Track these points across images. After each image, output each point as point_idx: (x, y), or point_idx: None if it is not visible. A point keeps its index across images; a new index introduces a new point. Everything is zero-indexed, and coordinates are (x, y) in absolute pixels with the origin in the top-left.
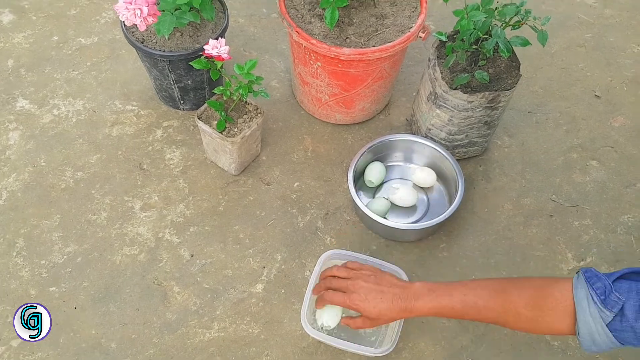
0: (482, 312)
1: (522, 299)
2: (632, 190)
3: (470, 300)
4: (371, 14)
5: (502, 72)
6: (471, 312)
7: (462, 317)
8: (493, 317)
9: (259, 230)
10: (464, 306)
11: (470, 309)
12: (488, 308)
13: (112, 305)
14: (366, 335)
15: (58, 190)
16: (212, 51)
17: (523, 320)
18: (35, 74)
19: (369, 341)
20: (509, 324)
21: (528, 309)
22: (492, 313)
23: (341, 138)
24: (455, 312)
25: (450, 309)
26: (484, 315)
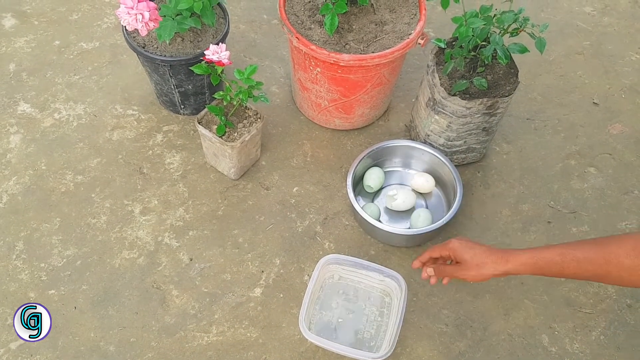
0: (582, 265)
1: (623, 249)
2: (629, 197)
3: (569, 252)
4: (371, 20)
5: (501, 79)
6: (571, 266)
7: (561, 273)
8: (593, 270)
9: (258, 235)
10: (563, 258)
11: (570, 262)
12: (588, 260)
13: (111, 308)
14: (364, 340)
15: (58, 194)
16: (213, 56)
17: (626, 269)
18: (37, 78)
19: (367, 346)
20: (611, 276)
21: (631, 258)
22: (592, 265)
23: (340, 143)
24: (554, 265)
25: (549, 261)
26: (584, 267)
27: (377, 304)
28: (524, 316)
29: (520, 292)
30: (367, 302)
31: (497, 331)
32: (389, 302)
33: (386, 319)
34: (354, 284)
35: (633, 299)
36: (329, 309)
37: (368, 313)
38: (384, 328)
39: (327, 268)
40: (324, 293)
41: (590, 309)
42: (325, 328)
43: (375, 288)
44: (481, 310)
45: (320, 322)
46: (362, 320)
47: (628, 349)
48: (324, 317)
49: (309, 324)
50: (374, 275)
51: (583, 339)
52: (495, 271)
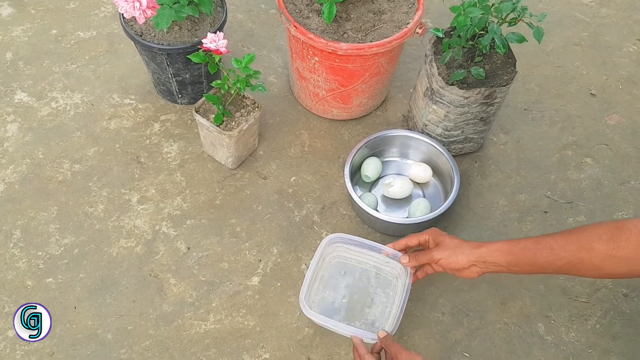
0: (555, 252)
1: (595, 234)
2: (626, 187)
3: (543, 240)
4: (369, 9)
5: (498, 69)
6: (544, 252)
7: (534, 260)
8: (566, 257)
9: (255, 224)
10: (537, 245)
11: (544, 249)
12: (562, 246)
13: (109, 296)
14: (368, 321)
15: (55, 183)
16: (211, 45)
17: (597, 255)
18: (34, 67)
19: (371, 327)
20: (584, 263)
21: (602, 243)
22: (565, 252)
23: (338, 133)
24: (527, 251)
25: (523, 247)
26: (557, 254)
27: (383, 285)
28: (520, 305)
29: (516, 282)
30: (371, 283)
31: (494, 320)
32: (395, 284)
33: (391, 300)
34: (359, 264)
35: (629, 289)
36: (332, 288)
37: (373, 294)
38: (388, 309)
39: (331, 247)
40: (328, 272)
41: (586, 298)
42: (329, 308)
43: (381, 269)
44: (477, 300)
45: (323, 302)
46: (367, 301)
47: (624, 337)
48: (327, 296)
49: (310, 302)
50: (380, 256)
51: (579, 328)
52: (471, 254)
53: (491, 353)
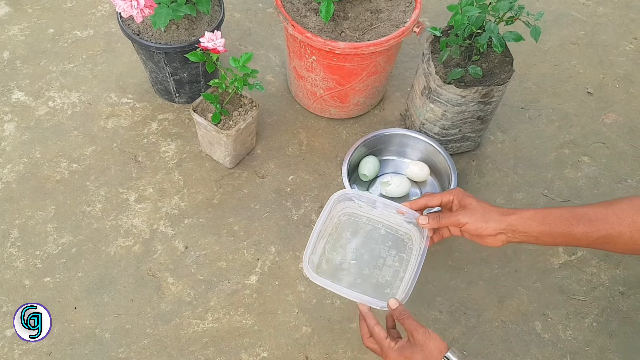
0: (594, 224)
1: (636, 207)
2: (623, 186)
3: (579, 210)
4: (366, 8)
5: (496, 67)
6: (581, 223)
7: (570, 232)
8: (605, 230)
9: (253, 223)
10: (573, 215)
11: (581, 219)
12: (601, 218)
13: (107, 295)
14: (379, 285)
15: (53, 182)
16: (208, 44)
17: (638, 229)
18: (31, 66)
19: (382, 293)
20: (622, 237)
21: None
22: (604, 224)
23: (336, 132)
24: (564, 222)
25: (558, 217)
26: (596, 226)
27: (396, 247)
28: (518, 303)
29: (513, 280)
30: (384, 244)
31: (491, 318)
32: (410, 246)
33: (404, 265)
34: (370, 223)
35: (626, 286)
36: (340, 249)
37: (385, 256)
38: (401, 275)
39: (340, 204)
40: (336, 231)
41: (583, 296)
42: (335, 270)
43: (395, 230)
44: (475, 298)
45: (330, 264)
46: (378, 263)
47: (620, 335)
48: (335, 258)
49: (315, 265)
50: (393, 215)
51: (576, 326)
52: (501, 221)
53: (489, 351)
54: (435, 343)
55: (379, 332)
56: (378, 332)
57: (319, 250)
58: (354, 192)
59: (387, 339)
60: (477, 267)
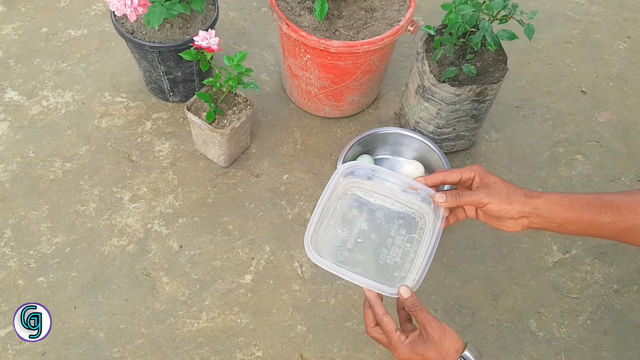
0: (622, 212)
1: None
2: (616, 184)
3: (605, 197)
4: (360, 7)
5: (490, 66)
6: (609, 211)
7: (597, 219)
8: (634, 219)
9: (248, 222)
10: (600, 202)
11: (609, 207)
12: (630, 208)
13: (101, 295)
14: (387, 267)
15: (47, 181)
16: (202, 42)
17: None
18: (25, 66)
19: (389, 276)
20: None
21: None
22: (633, 214)
23: (330, 131)
24: (592, 209)
25: (586, 203)
26: (624, 215)
27: (407, 226)
28: (512, 301)
29: (508, 278)
30: (394, 223)
31: (485, 316)
32: (422, 226)
33: (415, 246)
34: (379, 200)
35: (620, 284)
36: (346, 226)
37: (395, 235)
38: (411, 256)
39: (346, 179)
40: (342, 207)
41: (578, 294)
42: (340, 249)
43: (407, 207)
44: (469, 296)
45: (334, 242)
46: (387, 243)
47: (614, 333)
48: (339, 235)
49: (317, 243)
50: (406, 191)
51: (570, 324)
52: (525, 205)
53: (483, 349)
54: (452, 341)
55: (388, 322)
56: (387, 323)
57: (322, 228)
58: (362, 164)
59: (397, 331)
60: (472, 265)
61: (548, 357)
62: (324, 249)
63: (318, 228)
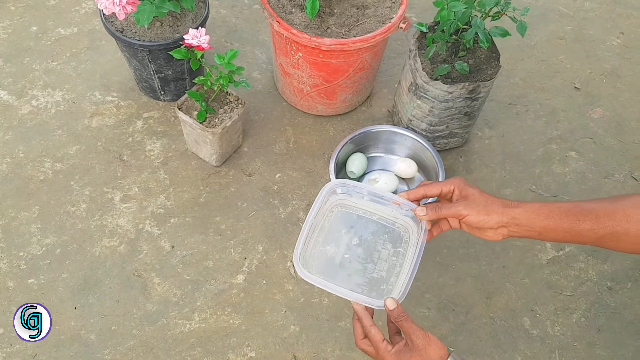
0: (601, 220)
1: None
2: (610, 180)
3: (586, 204)
4: (352, 4)
5: (482, 63)
6: (588, 219)
7: (575, 228)
8: (612, 227)
9: (240, 222)
10: (580, 210)
11: (588, 214)
12: (608, 215)
13: (92, 296)
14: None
15: (37, 182)
16: (192, 40)
17: None
18: (14, 65)
19: (377, 289)
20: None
21: None
22: (612, 221)
23: (323, 129)
24: (571, 216)
25: (565, 211)
26: (603, 223)
27: (392, 240)
28: (506, 299)
29: (501, 276)
30: (380, 238)
31: (479, 315)
32: (406, 240)
33: (401, 259)
34: (365, 215)
35: (613, 282)
36: (333, 242)
37: (381, 250)
38: (397, 270)
39: (333, 196)
40: (329, 223)
41: (571, 291)
42: (328, 265)
43: (391, 222)
44: (463, 294)
45: (322, 258)
46: (374, 257)
47: (608, 330)
48: (327, 252)
49: (306, 259)
50: (390, 207)
51: (564, 322)
52: (503, 215)
53: (477, 348)
54: (435, 349)
55: (375, 333)
56: (374, 334)
57: (310, 245)
58: (348, 182)
59: (383, 341)
60: (465, 263)
61: (542, 355)
62: (313, 265)
63: (307, 245)
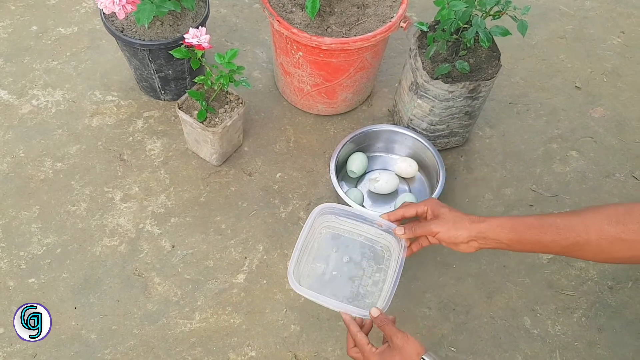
0: (561, 232)
1: (604, 215)
2: (611, 180)
3: (548, 218)
4: (352, 3)
5: (483, 62)
6: (549, 231)
7: (539, 239)
8: (572, 238)
9: (240, 221)
10: (542, 223)
11: (549, 227)
12: (569, 226)
13: (92, 296)
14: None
15: (37, 181)
16: (193, 40)
17: (606, 237)
18: (14, 64)
19: (363, 303)
20: (590, 245)
21: (612, 225)
22: (572, 232)
23: (323, 129)
24: (532, 229)
25: (528, 225)
26: (564, 235)
27: (376, 258)
28: (506, 299)
29: (502, 275)
30: (364, 255)
31: (480, 314)
32: (388, 257)
33: (383, 275)
34: (351, 236)
35: (614, 281)
36: (323, 261)
37: (365, 267)
38: (380, 285)
39: (322, 217)
40: (318, 244)
41: (572, 291)
42: (318, 281)
43: (375, 241)
44: (464, 294)
45: (313, 275)
46: (359, 274)
47: (609, 330)
48: (317, 269)
49: (299, 276)
50: (373, 227)
51: (565, 321)
52: (471, 229)
53: (478, 347)
54: (413, 346)
55: (361, 338)
56: (360, 338)
57: (302, 263)
58: (335, 205)
59: (368, 344)
60: (466, 263)
61: (543, 354)
62: (305, 281)
63: (299, 263)
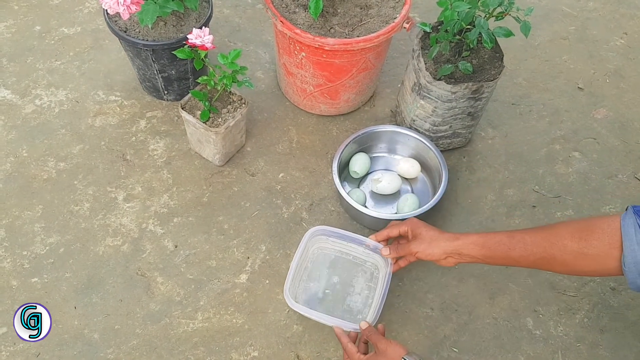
0: (528, 247)
1: (568, 231)
2: (613, 181)
3: (517, 234)
4: (355, 4)
5: (486, 63)
6: (518, 247)
7: (508, 254)
8: (539, 253)
9: (243, 221)
10: (511, 240)
11: (518, 243)
12: (535, 242)
13: (95, 296)
14: (352, 311)
15: (40, 181)
16: (196, 40)
17: (569, 253)
18: (17, 64)
19: (355, 318)
20: (556, 260)
21: (574, 241)
22: (538, 248)
23: (326, 129)
24: (502, 245)
25: (498, 241)
26: (530, 250)
27: (366, 277)
28: (509, 300)
29: (505, 276)
30: (354, 275)
31: (482, 315)
32: (376, 275)
33: (372, 292)
34: (342, 256)
35: (616, 282)
36: (316, 280)
37: (355, 285)
38: (369, 301)
39: (314, 239)
40: (312, 264)
41: (575, 292)
42: (312, 299)
43: (364, 261)
44: (466, 295)
45: (307, 293)
46: (350, 291)
47: (611, 331)
48: (311, 288)
49: (294, 294)
50: (362, 247)
51: (567, 322)
52: (446, 247)
53: (480, 348)
54: (395, 348)
55: (351, 347)
56: (351, 348)
57: (297, 282)
58: (326, 228)
59: (357, 353)
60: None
61: (545, 355)
62: (300, 298)
63: (294, 282)
